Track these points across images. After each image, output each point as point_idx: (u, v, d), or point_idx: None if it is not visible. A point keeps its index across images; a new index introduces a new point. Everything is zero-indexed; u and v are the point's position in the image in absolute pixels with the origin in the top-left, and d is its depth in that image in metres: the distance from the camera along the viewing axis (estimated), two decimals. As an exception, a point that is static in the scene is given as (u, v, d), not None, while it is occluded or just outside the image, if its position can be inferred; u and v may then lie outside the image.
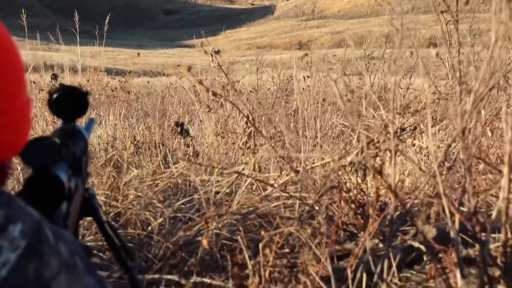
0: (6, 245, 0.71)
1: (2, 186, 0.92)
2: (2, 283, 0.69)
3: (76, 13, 9.75)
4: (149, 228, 3.48)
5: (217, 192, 3.88)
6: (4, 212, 0.73)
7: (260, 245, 2.67)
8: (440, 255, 2.49)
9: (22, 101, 0.98)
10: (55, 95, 1.39)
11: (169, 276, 2.88)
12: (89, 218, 1.46)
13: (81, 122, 6.23)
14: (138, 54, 15.88)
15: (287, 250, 2.93)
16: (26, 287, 0.71)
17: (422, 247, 2.68)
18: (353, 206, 3.11)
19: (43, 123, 6.61)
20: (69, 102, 1.41)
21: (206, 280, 2.83)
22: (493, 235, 2.56)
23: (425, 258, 2.80)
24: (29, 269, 0.72)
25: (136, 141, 6.31)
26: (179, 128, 5.60)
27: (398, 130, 3.29)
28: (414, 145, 3.81)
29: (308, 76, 6.09)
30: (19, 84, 0.97)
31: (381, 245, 2.79)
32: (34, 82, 10.73)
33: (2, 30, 0.98)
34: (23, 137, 0.98)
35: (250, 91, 7.97)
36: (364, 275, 2.51)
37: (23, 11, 9.92)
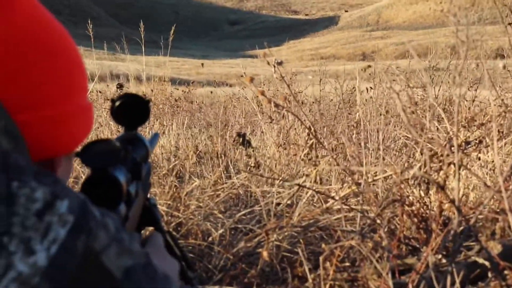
0: (55, 221, 0.71)
1: None
2: (51, 260, 0.69)
3: (142, 23, 9.91)
4: (210, 238, 3.49)
5: (278, 204, 3.88)
6: (51, 189, 0.73)
7: (321, 258, 2.65)
8: (505, 272, 2.42)
9: (77, 100, 0.99)
10: (117, 103, 1.40)
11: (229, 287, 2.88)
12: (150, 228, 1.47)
13: (145, 133, 6.32)
14: (202, 64, 16.04)
15: (347, 264, 2.90)
16: (75, 263, 0.72)
17: (487, 264, 2.61)
18: (415, 220, 3.06)
19: (108, 132, 6.72)
20: (131, 110, 1.42)
21: (266, 292, 2.82)
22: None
23: (489, 275, 2.73)
24: (78, 244, 0.73)
25: (198, 151, 6.36)
26: (241, 139, 5.62)
27: (463, 144, 3.22)
28: (479, 159, 3.73)
29: (371, 88, 6.04)
30: (74, 80, 0.99)
31: (444, 261, 2.74)
32: (100, 92, 10.96)
33: (59, 26, 1.00)
34: (74, 137, 0.99)
35: (313, 102, 7.95)
36: (427, 291, 2.46)
37: (89, 21, 10.12)
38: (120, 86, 11.65)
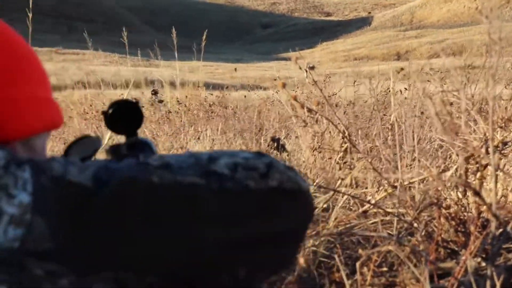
0: (16, 170, 0.78)
1: None
2: (33, 196, 0.76)
3: (175, 29, 9.96)
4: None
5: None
6: (5, 154, 0.80)
7: (358, 264, 2.63)
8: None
9: (25, 89, 1.03)
10: (109, 112, 1.41)
11: (267, 294, 2.88)
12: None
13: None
14: (235, 69, 16.06)
15: (385, 269, 2.88)
16: (52, 193, 0.78)
17: (527, 267, 2.57)
18: (453, 223, 3.02)
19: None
20: (125, 116, 1.43)
21: (303, 298, 2.81)
22: None
23: (530, 277, 2.69)
24: (43, 180, 0.79)
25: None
26: (275, 144, 5.61)
27: (500, 144, 3.17)
28: (517, 159, 3.67)
29: (405, 89, 5.98)
30: (18, 69, 1.03)
31: (483, 264, 2.70)
32: (135, 99, 10.99)
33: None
34: (23, 123, 1.02)
35: (347, 104, 7.91)
36: (466, 296, 2.42)
37: (123, 28, 10.20)
38: (154, 92, 11.72)
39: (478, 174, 2.87)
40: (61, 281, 0.74)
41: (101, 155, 1.20)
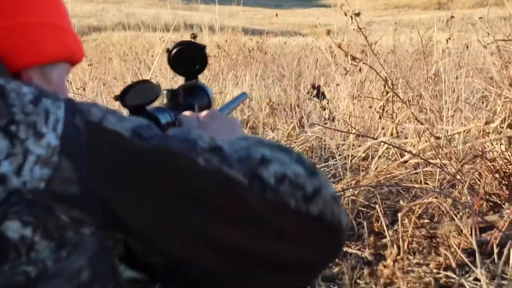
0: (49, 105, 0.75)
1: None
2: (62, 138, 0.73)
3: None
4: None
5: (353, 156, 3.82)
6: (33, 89, 0.77)
7: (399, 215, 2.60)
8: None
9: (38, 15, 1.00)
10: (173, 51, 1.38)
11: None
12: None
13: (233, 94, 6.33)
14: (277, 15, 15.87)
15: (426, 221, 2.85)
16: (84, 136, 0.76)
17: None
18: (497, 176, 2.97)
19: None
20: (188, 58, 1.40)
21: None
22: None
23: None
24: (77, 121, 0.76)
25: (271, 103, 6.33)
26: (315, 91, 5.56)
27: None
28: None
29: (449, 38, 5.85)
30: None
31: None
32: (174, 42, 10.96)
33: None
34: (37, 48, 0.99)
35: (388, 53, 7.79)
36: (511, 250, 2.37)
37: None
38: (194, 36, 11.64)
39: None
40: (83, 230, 0.72)
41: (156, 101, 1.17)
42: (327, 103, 5.12)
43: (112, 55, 11.72)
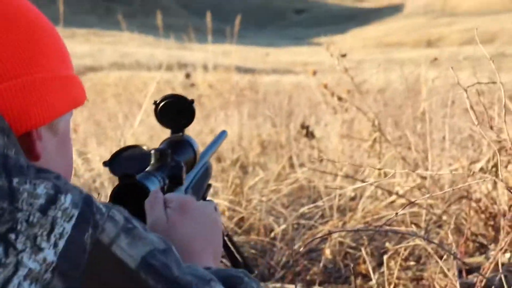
0: (60, 215, 0.72)
1: (34, 160, 0.92)
2: (60, 256, 0.70)
3: (210, 13, 9.96)
4: (272, 234, 3.46)
5: (341, 196, 3.82)
6: (53, 183, 0.73)
7: (385, 258, 2.59)
8: None
9: (45, 70, 0.97)
10: (161, 104, 1.38)
11: (291, 286, 2.85)
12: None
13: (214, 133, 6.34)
14: (268, 53, 16.07)
15: (412, 263, 2.84)
16: (85, 257, 0.72)
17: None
18: (483, 216, 2.97)
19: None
20: (176, 111, 1.40)
21: (329, 290, 2.79)
22: None
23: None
24: (85, 238, 0.72)
25: (262, 142, 6.34)
26: (304, 130, 5.57)
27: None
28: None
29: (435, 78, 5.88)
30: (37, 50, 0.96)
31: (513, 260, 2.65)
32: (167, 82, 11.06)
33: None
34: (48, 106, 0.96)
35: (378, 91, 7.82)
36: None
37: (159, 11, 10.25)
38: (187, 75, 11.72)
39: (510, 167, 2.82)
40: None
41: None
42: (316, 142, 5.13)
43: (107, 96, 11.75)
